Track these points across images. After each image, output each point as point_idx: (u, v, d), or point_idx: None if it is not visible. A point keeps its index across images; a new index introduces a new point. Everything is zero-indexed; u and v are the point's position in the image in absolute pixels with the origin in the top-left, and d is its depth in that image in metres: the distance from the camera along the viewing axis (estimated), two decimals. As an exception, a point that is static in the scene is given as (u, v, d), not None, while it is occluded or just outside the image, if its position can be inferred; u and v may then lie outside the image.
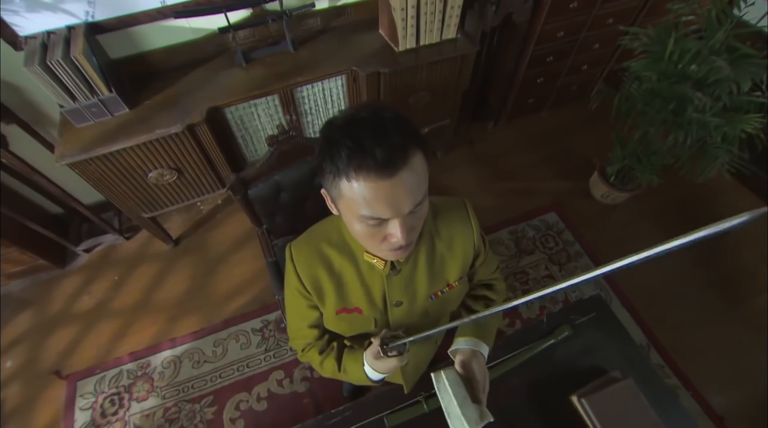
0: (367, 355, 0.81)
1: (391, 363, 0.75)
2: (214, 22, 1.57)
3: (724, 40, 1.34)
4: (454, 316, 1.06)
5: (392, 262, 0.76)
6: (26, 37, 1.38)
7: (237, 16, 1.59)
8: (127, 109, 1.51)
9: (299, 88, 1.69)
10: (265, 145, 1.46)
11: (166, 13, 1.48)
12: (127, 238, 2.13)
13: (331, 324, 0.85)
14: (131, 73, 1.60)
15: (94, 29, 1.44)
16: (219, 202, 2.30)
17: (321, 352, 0.90)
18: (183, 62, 1.67)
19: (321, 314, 0.86)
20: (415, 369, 1.03)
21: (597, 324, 1.12)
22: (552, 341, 1.07)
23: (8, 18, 1.33)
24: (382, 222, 0.59)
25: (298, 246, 0.80)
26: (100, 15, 1.42)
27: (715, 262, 2.02)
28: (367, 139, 0.53)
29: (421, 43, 1.75)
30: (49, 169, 1.72)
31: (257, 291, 1.95)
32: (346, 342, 0.94)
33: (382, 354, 0.74)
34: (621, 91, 1.71)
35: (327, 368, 0.90)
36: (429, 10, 1.63)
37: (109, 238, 2.08)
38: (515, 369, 1.02)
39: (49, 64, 1.28)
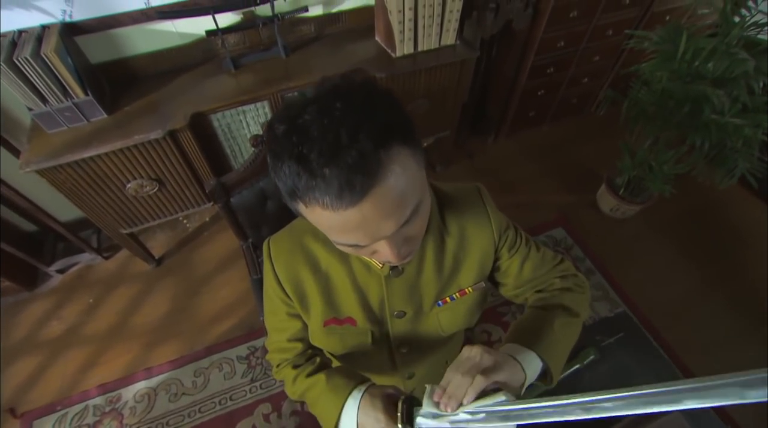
0: (366, 407, 0.56)
1: None
2: (202, 26, 1.49)
3: (740, 35, 1.26)
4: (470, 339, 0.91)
5: None
6: (-6, 35, 1.29)
7: (226, 20, 1.52)
8: (104, 115, 1.40)
9: (290, 94, 1.60)
10: (250, 148, 1.35)
11: (150, 15, 1.40)
12: (106, 258, 1.97)
13: (319, 338, 0.70)
14: (112, 78, 1.51)
15: (71, 30, 1.35)
16: (207, 219, 2.17)
17: (296, 366, 0.72)
18: (168, 68, 1.58)
19: (304, 325, 0.71)
20: None
21: (626, 346, 0.98)
22: (577, 366, 0.93)
23: (-24, 15, 1.24)
24: (362, 246, 0.48)
25: (278, 241, 0.67)
26: (79, 15, 1.34)
27: (733, 277, 1.89)
28: (313, 155, 0.38)
29: (419, 48, 1.68)
30: (19, 181, 1.60)
31: (244, 314, 1.78)
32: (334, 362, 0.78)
33: (398, 425, 0.52)
34: (629, 95, 1.63)
35: (297, 388, 0.71)
36: (427, 14, 1.57)
37: (85, 258, 1.92)
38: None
39: (16, 61, 1.17)
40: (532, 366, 0.57)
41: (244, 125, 1.62)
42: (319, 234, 0.64)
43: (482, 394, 0.49)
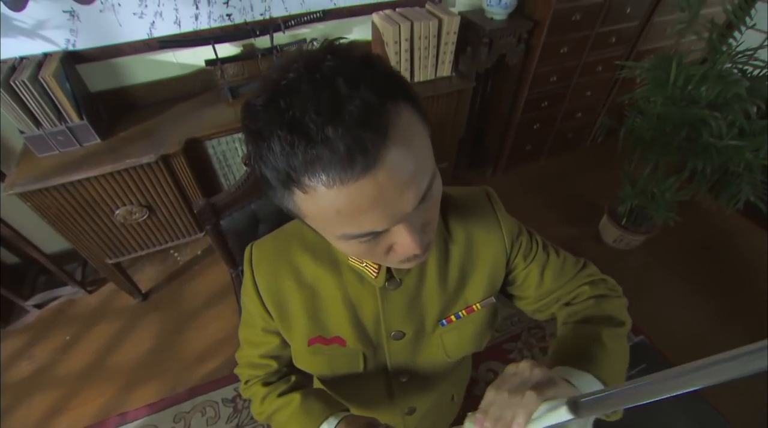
0: None
1: None
2: (202, 56, 1.52)
3: (730, 62, 1.29)
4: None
5: (389, 270, 0.56)
6: (-5, 61, 1.30)
7: (226, 51, 1.55)
8: (98, 140, 1.38)
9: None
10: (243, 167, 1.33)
11: (152, 45, 1.43)
12: (90, 292, 1.88)
13: (304, 359, 0.62)
14: (110, 105, 1.50)
15: (73, 58, 1.37)
16: (198, 252, 2.10)
17: (267, 384, 0.64)
18: (167, 97, 1.59)
19: (283, 343, 0.62)
20: None
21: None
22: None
23: (-21, 42, 1.26)
24: (378, 234, 0.39)
25: (262, 246, 0.60)
26: (82, 44, 1.36)
27: (749, 311, 1.79)
28: (308, 116, 0.32)
29: (416, 79, 1.72)
30: (2, 208, 1.54)
31: (232, 351, 1.64)
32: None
33: None
34: (625, 122, 1.64)
35: (266, 407, 0.63)
36: (423, 46, 1.61)
37: (67, 291, 1.83)
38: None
39: (12, 83, 1.17)
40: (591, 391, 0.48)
41: (239, 153, 1.61)
42: (308, 241, 0.58)
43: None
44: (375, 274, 0.55)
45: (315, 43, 1.72)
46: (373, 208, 0.35)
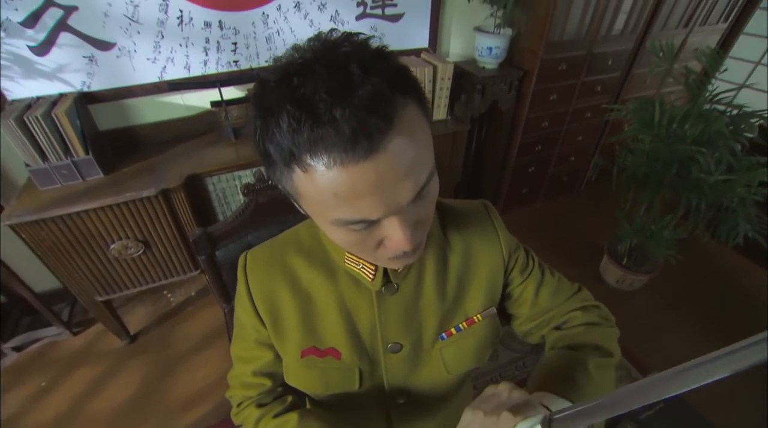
0: None
1: None
2: (208, 99, 1.60)
3: (709, 102, 1.35)
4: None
5: (386, 271, 0.54)
6: (13, 100, 1.36)
7: (231, 93, 1.63)
8: (101, 175, 1.41)
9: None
10: (241, 198, 1.34)
11: (161, 87, 1.51)
12: (75, 334, 1.80)
13: (296, 374, 0.58)
14: (117, 143, 1.56)
15: (86, 98, 1.44)
16: (192, 293, 2.05)
17: (261, 405, 0.61)
18: (172, 137, 1.65)
19: (277, 357, 0.59)
20: None
21: (669, 419, 0.84)
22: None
23: (2, 82, 1.33)
24: (370, 223, 0.40)
25: (257, 253, 0.59)
26: (97, 86, 1.44)
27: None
28: (319, 96, 0.33)
29: (412, 122, 1.79)
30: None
31: (221, 397, 1.56)
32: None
33: None
34: (617, 162, 1.68)
35: None
36: (419, 92, 1.70)
37: (50, 333, 1.75)
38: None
39: (25, 119, 1.22)
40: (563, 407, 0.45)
41: (239, 190, 1.63)
42: (304, 246, 0.57)
43: None
44: (371, 277, 0.54)
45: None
46: (370, 194, 0.36)
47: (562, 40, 1.86)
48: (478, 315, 0.60)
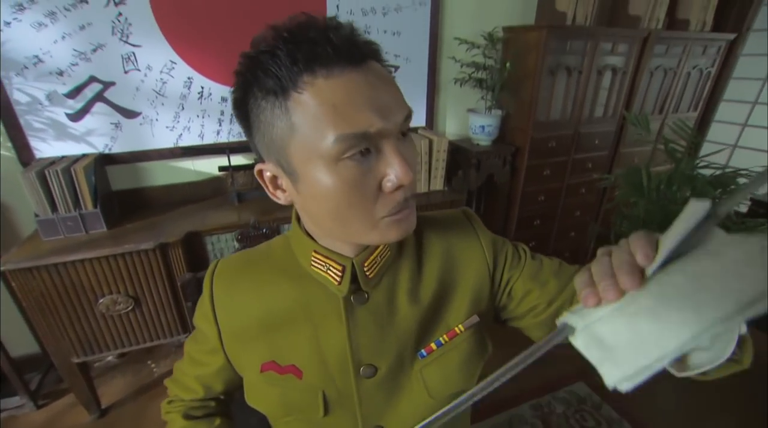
0: None
1: None
2: (216, 165, 1.72)
3: (694, 167, 1.41)
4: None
5: (355, 277, 0.51)
6: (40, 158, 1.48)
7: (239, 160, 1.75)
8: (104, 229, 1.45)
9: (286, 225, 1.68)
10: (236, 244, 1.34)
11: (175, 152, 1.64)
12: (39, 407, 1.65)
13: (256, 392, 0.54)
14: (125, 202, 1.63)
15: (105, 160, 1.56)
16: (176, 365, 1.92)
17: (188, 418, 0.59)
18: (179, 200, 1.73)
19: (222, 369, 0.57)
20: None
21: None
22: None
23: (33, 143, 1.46)
24: (366, 155, 0.41)
25: (227, 261, 0.58)
26: (117, 149, 1.57)
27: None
28: (308, 31, 0.39)
29: (410, 190, 1.86)
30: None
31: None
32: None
33: None
34: (613, 229, 1.69)
35: None
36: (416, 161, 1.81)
37: (12, 404, 1.61)
38: None
39: (46, 172, 1.31)
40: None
41: (235, 244, 1.65)
42: (276, 257, 0.57)
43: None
44: (338, 280, 0.51)
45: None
46: (366, 105, 0.39)
47: (549, 121, 2.02)
48: (460, 326, 0.55)
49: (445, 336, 0.55)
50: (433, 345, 0.55)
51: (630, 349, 0.27)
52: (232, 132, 1.70)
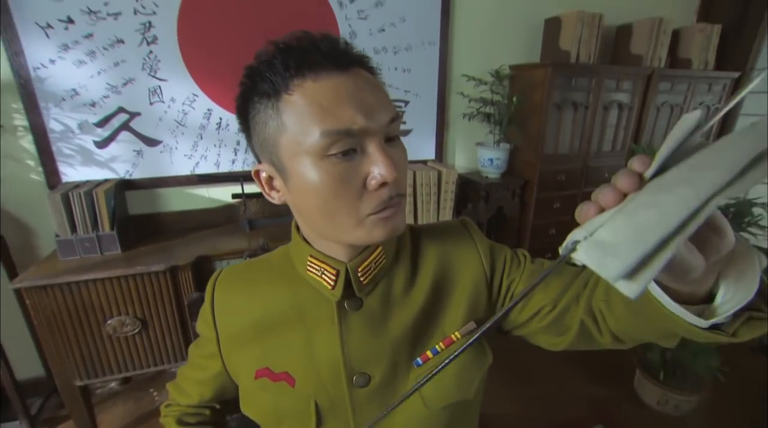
0: None
1: None
2: (230, 192, 1.77)
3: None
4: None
5: (349, 283, 0.51)
6: (66, 182, 1.56)
7: (252, 189, 1.80)
8: (119, 251, 1.49)
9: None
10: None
11: (192, 180, 1.71)
12: (38, 433, 1.62)
13: (251, 399, 0.54)
14: (141, 226, 1.68)
15: (126, 185, 1.63)
16: (178, 396, 1.88)
17: (181, 424, 0.60)
18: (193, 225, 1.78)
19: (219, 374, 0.58)
20: None
21: None
22: None
23: (62, 168, 1.55)
24: (351, 155, 0.42)
25: (231, 269, 0.60)
26: (137, 175, 1.65)
27: None
28: (302, 42, 0.43)
29: (419, 221, 1.87)
30: None
31: None
32: None
33: None
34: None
35: None
36: (425, 192, 1.83)
37: (13, 428, 1.59)
38: None
39: (70, 195, 1.38)
40: None
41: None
42: (274, 264, 0.58)
43: None
44: (332, 284, 0.51)
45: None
46: (351, 103, 0.42)
47: (557, 154, 2.04)
48: (456, 333, 0.54)
49: (441, 343, 0.54)
50: (429, 353, 0.54)
51: (630, 240, 0.26)
52: (246, 160, 1.77)
